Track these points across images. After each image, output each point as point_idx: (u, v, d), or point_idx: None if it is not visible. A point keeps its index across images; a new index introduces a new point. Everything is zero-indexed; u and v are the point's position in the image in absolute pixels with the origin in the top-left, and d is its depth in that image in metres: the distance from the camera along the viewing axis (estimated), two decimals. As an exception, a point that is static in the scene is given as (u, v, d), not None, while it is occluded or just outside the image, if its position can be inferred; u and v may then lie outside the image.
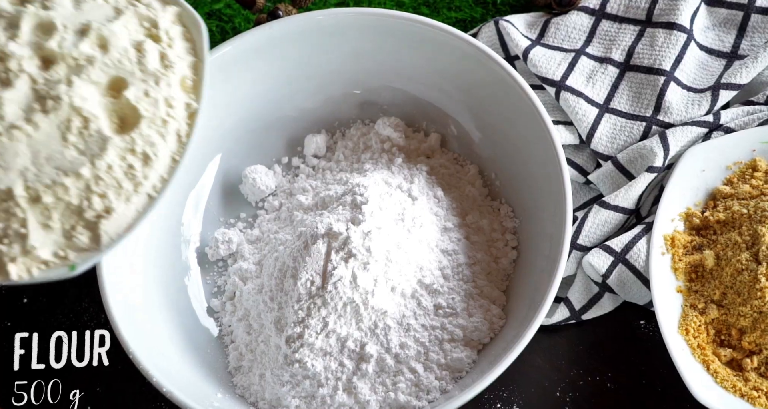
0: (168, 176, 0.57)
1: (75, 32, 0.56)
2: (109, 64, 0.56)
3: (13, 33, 0.54)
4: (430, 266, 0.72)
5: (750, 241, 0.73)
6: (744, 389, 0.70)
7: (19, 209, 0.53)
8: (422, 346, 0.70)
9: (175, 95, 0.58)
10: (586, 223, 0.77)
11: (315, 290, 0.69)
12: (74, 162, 0.54)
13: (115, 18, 0.58)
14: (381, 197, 0.74)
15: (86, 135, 0.54)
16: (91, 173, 0.54)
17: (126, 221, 0.56)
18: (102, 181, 0.55)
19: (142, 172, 0.56)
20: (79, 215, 0.54)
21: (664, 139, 0.78)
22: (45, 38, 0.55)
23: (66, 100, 0.54)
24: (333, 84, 0.80)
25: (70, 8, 0.56)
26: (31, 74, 0.54)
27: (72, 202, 0.54)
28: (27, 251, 0.53)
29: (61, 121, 0.53)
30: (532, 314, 0.66)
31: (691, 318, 0.73)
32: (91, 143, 0.54)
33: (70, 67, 0.55)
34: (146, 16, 0.60)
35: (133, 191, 0.56)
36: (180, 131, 0.58)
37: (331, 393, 0.69)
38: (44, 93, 0.53)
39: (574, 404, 0.73)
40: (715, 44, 0.84)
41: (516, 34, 0.84)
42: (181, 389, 0.65)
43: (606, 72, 0.83)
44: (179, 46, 0.60)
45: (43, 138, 0.53)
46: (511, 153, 0.77)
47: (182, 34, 0.61)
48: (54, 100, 0.53)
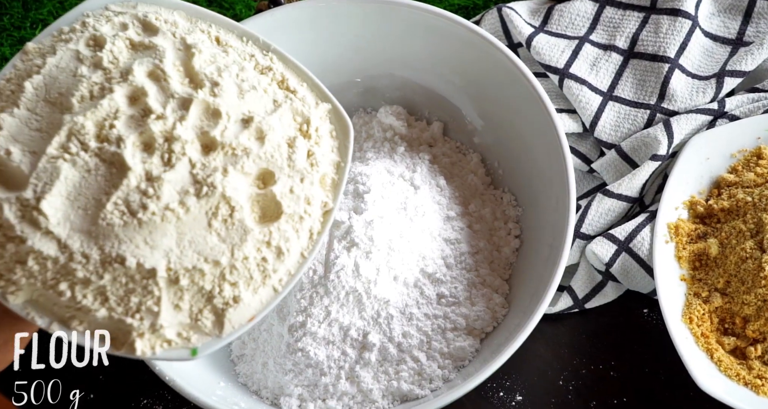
0: (294, 272, 0.58)
1: (237, 122, 0.57)
2: (262, 156, 0.57)
3: (182, 115, 0.55)
4: (433, 255, 0.72)
5: (754, 229, 0.73)
6: (748, 378, 0.70)
7: (156, 288, 0.54)
8: (425, 335, 0.70)
9: (315, 193, 0.59)
10: (590, 211, 0.77)
11: (317, 279, 0.69)
12: (215, 249, 0.54)
13: (274, 111, 0.58)
14: (383, 186, 0.73)
15: (229, 223, 0.55)
16: (228, 262, 0.55)
17: (249, 311, 0.57)
18: (236, 270, 0.55)
19: (273, 265, 0.57)
20: (209, 300, 0.55)
21: (669, 127, 0.77)
22: (209, 125, 0.56)
23: (219, 189, 0.54)
24: (334, 72, 0.80)
25: (234, 97, 0.57)
26: (191, 159, 0.54)
27: (205, 287, 0.55)
28: (155, 329, 0.54)
29: (210, 207, 0.54)
30: (535, 302, 0.66)
31: (694, 306, 0.73)
32: (233, 232, 0.55)
33: (226, 156, 0.55)
34: (300, 112, 0.60)
35: (261, 283, 0.57)
36: (312, 228, 0.59)
37: (334, 382, 0.69)
38: (201, 178, 0.54)
39: (577, 392, 0.73)
40: (720, 31, 0.83)
41: (519, 21, 0.84)
42: (183, 377, 0.65)
43: (610, 59, 0.82)
44: (326, 145, 0.61)
45: (190, 222, 0.54)
46: (514, 141, 0.77)
47: (330, 132, 0.62)
48: (209, 187, 0.54)
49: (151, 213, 0.52)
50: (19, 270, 0.52)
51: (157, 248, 0.53)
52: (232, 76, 0.58)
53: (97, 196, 0.53)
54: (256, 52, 0.62)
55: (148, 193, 0.53)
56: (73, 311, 0.54)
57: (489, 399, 0.73)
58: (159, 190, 0.53)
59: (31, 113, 0.54)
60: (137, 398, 0.75)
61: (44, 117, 0.54)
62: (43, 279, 0.52)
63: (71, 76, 0.55)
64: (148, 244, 0.53)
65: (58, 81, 0.55)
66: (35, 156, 0.53)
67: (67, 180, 0.52)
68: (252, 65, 0.60)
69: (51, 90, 0.55)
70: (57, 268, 0.52)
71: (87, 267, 0.52)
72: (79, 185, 0.53)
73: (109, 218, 0.52)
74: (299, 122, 0.60)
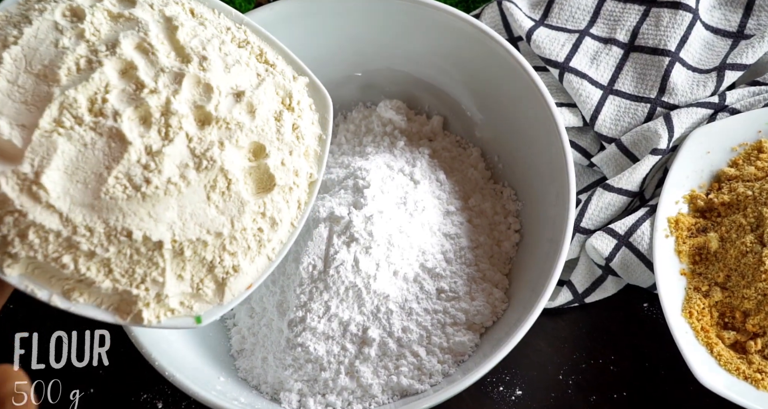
0: (286, 241, 0.61)
1: (229, 96, 0.58)
2: (254, 130, 0.58)
3: (175, 89, 0.56)
4: (433, 249, 0.72)
5: (755, 223, 0.73)
6: (748, 372, 0.70)
7: (161, 260, 0.55)
8: (424, 330, 0.70)
9: (302, 165, 0.62)
10: (590, 206, 0.77)
11: (317, 274, 0.69)
12: (215, 221, 0.56)
13: (259, 85, 0.60)
14: (383, 181, 0.73)
15: (227, 196, 0.57)
16: (229, 233, 0.57)
17: (247, 280, 0.59)
18: (236, 241, 0.57)
19: (267, 235, 0.59)
20: (210, 270, 0.57)
21: (669, 121, 0.77)
22: (202, 99, 0.57)
23: (219, 163, 0.56)
24: (334, 66, 0.79)
25: (221, 71, 0.58)
26: (188, 133, 0.55)
27: (206, 257, 0.57)
28: (160, 299, 0.56)
29: (209, 180, 0.56)
30: (534, 297, 0.66)
31: (694, 301, 0.73)
32: (230, 204, 0.57)
33: (221, 130, 0.57)
34: (282, 85, 0.62)
35: (257, 252, 0.59)
36: (300, 199, 0.62)
37: (334, 377, 0.69)
38: (199, 153, 0.56)
39: (577, 387, 0.74)
40: (721, 23, 0.83)
41: (519, 14, 0.83)
42: (183, 372, 0.65)
43: (610, 53, 0.82)
44: (307, 118, 0.63)
45: (190, 195, 0.55)
46: (514, 136, 0.77)
47: (309, 105, 0.64)
48: (208, 161, 0.56)
49: (154, 187, 0.53)
50: (19, 244, 0.52)
51: (161, 221, 0.54)
52: (216, 50, 0.59)
53: (96, 171, 0.53)
54: (231, 25, 0.63)
55: (149, 167, 0.54)
56: (74, 283, 0.55)
57: (489, 394, 0.73)
58: (160, 165, 0.54)
59: (12, 85, 0.54)
60: (137, 393, 0.75)
61: (28, 89, 0.54)
62: (45, 253, 0.53)
63: (53, 47, 0.55)
64: (152, 217, 0.54)
65: (39, 52, 0.55)
66: (25, 130, 0.52)
67: (63, 154, 0.52)
68: (230, 38, 0.61)
69: (33, 61, 0.54)
70: (60, 241, 0.53)
71: (91, 240, 0.53)
72: (76, 159, 0.53)
73: (112, 191, 0.53)
74: (281, 96, 0.61)
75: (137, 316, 0.56)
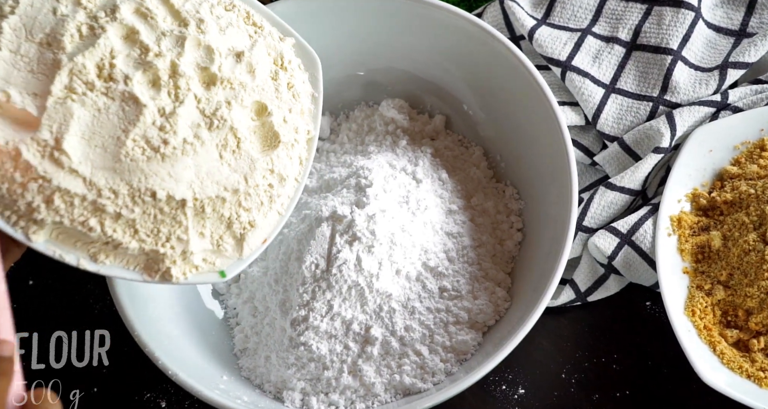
0: (292, 195, 0.64)
1: (229, 57, 0.60)
2: (255, 89, 0.60)
3: (179, 52, 0.57)
4: (435, 248, 0.72)
5: (757, 221, 0.73)
6: (750, 370, 0.70)
7: (184, 218, 0.57)
8: (427, 329, 0.70)
9: (300, 122, 0.64)
10: (592, 204, 0.77)
11: (320, 273, 0.69)
12: (230, 178, 0.58)
13: (253, 46, 0.61)
14: (385, 180, 0.73)
15: (237, 154, 0.59)
16: (244, 189, 0.59)
17: (262, 235, 0.62)
18: (250, 197, 0.60)
19: (277, 190, 0.62)
20: (228, 227, 0.59)
21: (671, 120, 0.77)
22: (205, 61, 0.58)
23: (229, 122, 0.58)
24: (336, 65, 0.79)
25: (217, 33, 0.60)
26: (196, 94, 0.57)
27: (224, 214, 0.59)
28: (185, 256, 0.58)
29: (220, 139, 0.58)
30: (537, 296, 0.66)
31: (697, 299, 0.73)
32: (241, 162, 0.59)
33: (225, 90, 0.58)
34: (273, 46, 0.64)
35: (269, 208, 0.61)
36: (301, 156, 0.64)
37: (337, 376, 0.69)
38: (209, 113, 0.57)
39: (580, 385, 0.74)
40: (724, 22, 0.83)
41: (521, 13, 0.83)
42: (186, 371, 0.65)
43: (612, 52, 0.82)
44: (299, 76, 0.65)
45: (204, 154, 0.57)
46: (517, 134, 0.77)
47: (298, 65, 0.66)
48: (219, 120, 0.58)
49: (172, 147, 0.55)
50: (45, 209, 0.53)
51: (181, 180, 0.56)
52: (208, 13, 0.60)
53: (113, 134, 0.54)
54: None
55: (165, 128, 0.55)
56: (100, 246, 0.56)
57: (491, 392, 0.74)
58: (175, 126, 0.55)
59: (15, 54, 0.55)
60: (140, 392, 0.75)
61: (32, 58, 0.55)
62: (71, 217, 0.54)
63: (51, 15, 0.56)
64: (172, 177, 0.56)
65: (38, 21, 0.56)
66: (38, 98, 0.54)
67: (80, 120, 0.54)
68: (216, 1, 0.62)
69: (33, 30, 0.55)
70: (85, 205, 0.54)
71: (116, 202, 0.54)
72: (92, 124, 0.54)
73: (132, 154, 0.54)
74: (273, 57, 0.63)
75: (166, 273, 0.58)
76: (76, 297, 0.79)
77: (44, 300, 0.79)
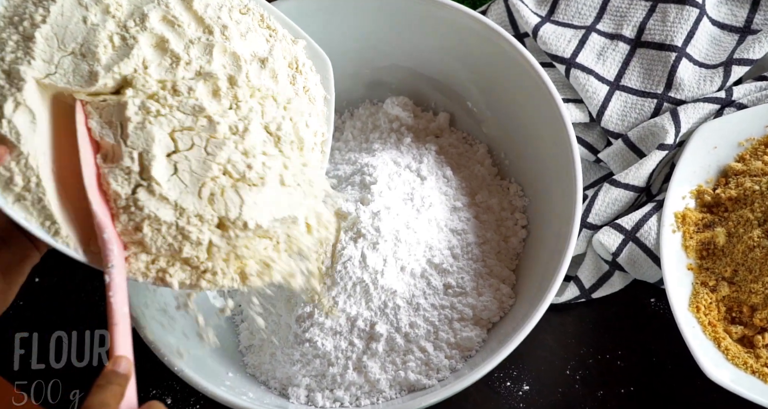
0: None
1: (253, 63, 0.59)
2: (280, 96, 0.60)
3: (207, 60, 0.57)
4: (440, 245, 0.72)
5: (762, 218, 0.73)
6: (755, 366, 0.70)
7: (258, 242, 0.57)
8: (432, 325, 0.70)
9: (318, 126, 0.64)
10: (597, 201, 0.77)
11: (324, 270, 0.69)
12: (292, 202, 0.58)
13: (271, 50, 0.61)
14: (390, 177, 0.73)
15: (297, 175, 0.58)
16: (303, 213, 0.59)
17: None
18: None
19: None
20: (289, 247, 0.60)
21: (676, 116, 0.77)
22: (232, 68, 0.58)
23: (290, 136, 0.58)
24: (340, 63, 0.79)
25: (239, 38, 0.59)
26: (252, 107, 0.57)
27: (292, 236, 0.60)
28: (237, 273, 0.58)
29: (285, 153, 0.58)
30: (541, 292, 0.66)
31: (702, 296, 0.73)
32: (301, 181, 0.58)
33: (254, 98, 0.58)
34: (288, 50, 0.63)
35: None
36: (317, 158, 0.64)
37: (342, 372, 0.69)
38: (265, 125, 0.57)
39: (584, 382, 0.74)
40: (728, 19, 0.83)
41: (525, 10, 0.83)
42: (192, 367, 0.66)
43: (617, 49, 0.82)
44: (312, 79, 0.65)
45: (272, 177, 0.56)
46: (521, 132, 0.77)
47: (311, 67, 0.66)
48: (284, 135, 0.58)
49: (255, 173, 0.54)
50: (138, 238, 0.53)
51: (264, 206, 0.55)
52: (228, 19, 0.60)
53: (198, 157, 0.53)
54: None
55: (247, 153, 0.54)
56: (199, 272, 0.55)
57: (496, 389, 0.74)
58: (253, 150, 0.55)
59: (49, 65, 0.54)
60: (146, 389, 0.75)
61: (67, 69, 0.54)
62: (157, 246, 0.53)
63: (82, 24, 0.55)
64: (257, 204, 0.54)
65: (69, 30, 0.54)
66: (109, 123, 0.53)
67: (161, 142, 0.53)
68: (233, 5, 0.62)
69: (65, 40, 0.54)
70: (173, 232, 0.53)
71: (201, 229, 0.53)
72: (172, 145, 0.53)
73: (218, 181, 0.53)
74: (288, 60, 0.62)
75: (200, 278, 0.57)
76: (76, 297, 0.79)
77: (45, 300, 0.79)
